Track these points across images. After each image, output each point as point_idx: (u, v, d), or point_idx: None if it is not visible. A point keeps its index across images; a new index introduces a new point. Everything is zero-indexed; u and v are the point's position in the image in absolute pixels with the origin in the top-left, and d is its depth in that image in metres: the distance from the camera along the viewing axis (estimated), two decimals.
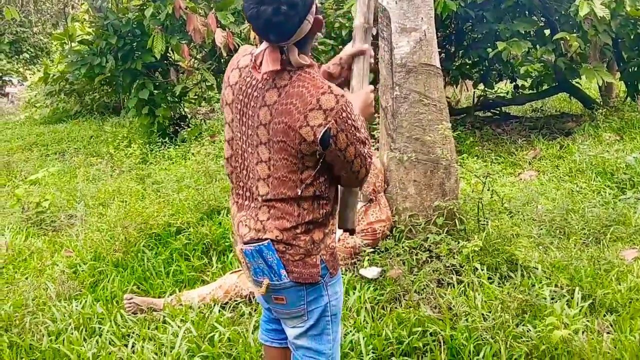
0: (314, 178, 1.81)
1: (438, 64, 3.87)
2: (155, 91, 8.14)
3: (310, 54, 1.88)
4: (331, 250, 1.94)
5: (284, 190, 1.81)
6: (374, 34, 2.59)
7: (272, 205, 1.84)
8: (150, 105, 8.17)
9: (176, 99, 8.44)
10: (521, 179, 5.64)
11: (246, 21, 1.62)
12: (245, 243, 1.89)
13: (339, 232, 3.81)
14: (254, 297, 3.22)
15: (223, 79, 1.94)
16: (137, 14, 8.07)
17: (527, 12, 7.22)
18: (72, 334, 3.08)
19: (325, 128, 1.71)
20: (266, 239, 1.82)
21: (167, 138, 7.95)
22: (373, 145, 5.71)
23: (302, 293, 1.90)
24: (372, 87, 2.12)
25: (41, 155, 8.50)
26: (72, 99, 11.86)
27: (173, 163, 6.57)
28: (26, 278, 3.81)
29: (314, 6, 1.75)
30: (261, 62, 1.76)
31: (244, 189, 1.93)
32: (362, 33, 2.16)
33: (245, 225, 1.91)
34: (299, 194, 1.80)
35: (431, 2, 3.82)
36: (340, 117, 1.73)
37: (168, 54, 8.56)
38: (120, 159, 6.90)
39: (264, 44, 1.76)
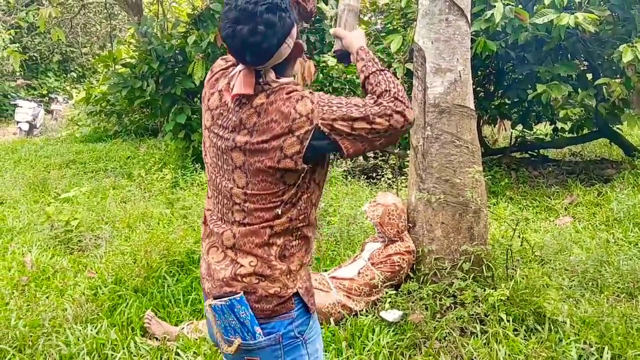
0: (296, 197, 1.70)
1: (472, 106, 3.80)
2: (193, 116, 8.25)
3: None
4: (306, 284, 1.78)
5: (261, 214, 1.70)
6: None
7: (245, 230, 1.72)
8: (187, 130, 8.29)
9: None
10: (556, 225, 5.47)
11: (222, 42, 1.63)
12: (215, 297, 1.74)
13: (359, 265, 3.77)
14: None
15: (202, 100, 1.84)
16: (180, 40, 8.26)
17: (569, 56, 7.11)
18: (83, 359, 3.05)
19: (313, 131, 1.61)
20: (238, 292, 1.69)
21: (200, 163, 8.00)
22: (402, 183, 5.57)
23: (278, 353, 1.71)
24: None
25: (78, 173, 8.64)
26: (112, 119, 12.12)
27: (203, 189, 6.58)
28: (47, 297, 3.82)
29: (294, 29, 1.66)
30: (234, 84, 1.68)
31: (218, 217, 1.81)
32: (345, 15, 2.04)
33: (216, 247, 1.79)
34: (278, 213, 1.69)
35: (468, 43, 3.76)
36: (323, 110, 1.62)
37: None
38: (151, 182, 6.95)
39: (240, 66, 1.69)
